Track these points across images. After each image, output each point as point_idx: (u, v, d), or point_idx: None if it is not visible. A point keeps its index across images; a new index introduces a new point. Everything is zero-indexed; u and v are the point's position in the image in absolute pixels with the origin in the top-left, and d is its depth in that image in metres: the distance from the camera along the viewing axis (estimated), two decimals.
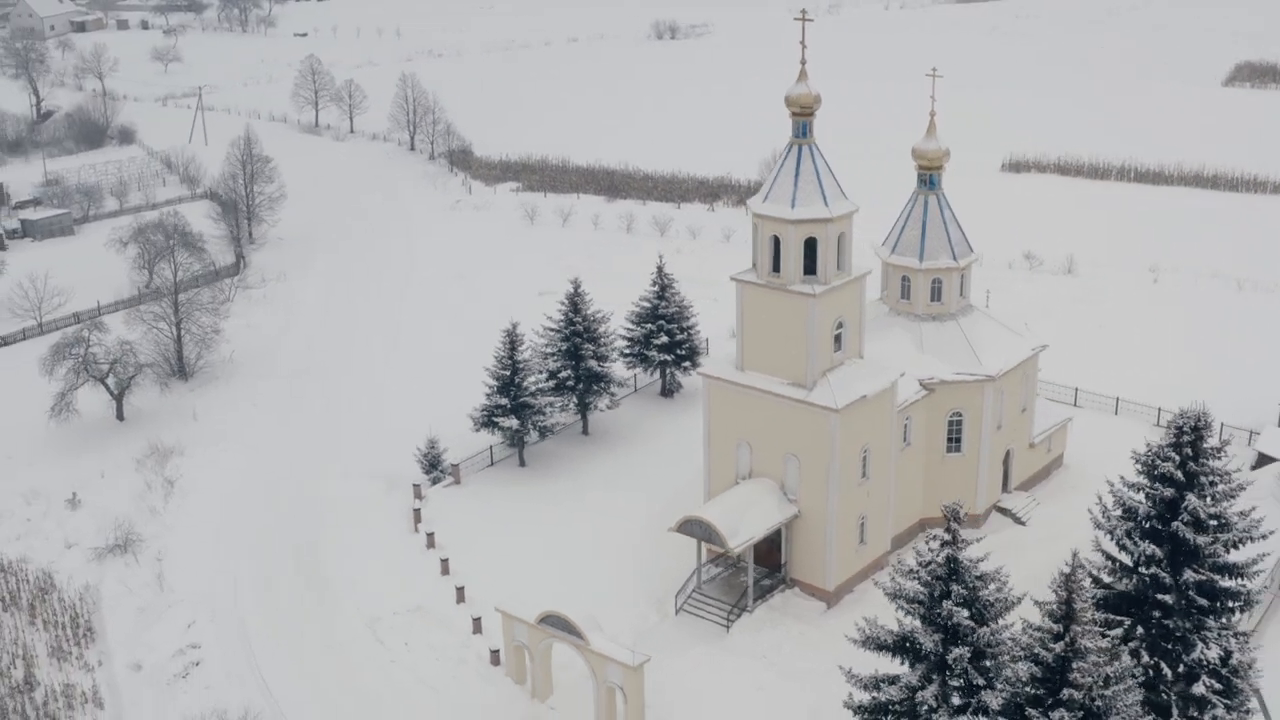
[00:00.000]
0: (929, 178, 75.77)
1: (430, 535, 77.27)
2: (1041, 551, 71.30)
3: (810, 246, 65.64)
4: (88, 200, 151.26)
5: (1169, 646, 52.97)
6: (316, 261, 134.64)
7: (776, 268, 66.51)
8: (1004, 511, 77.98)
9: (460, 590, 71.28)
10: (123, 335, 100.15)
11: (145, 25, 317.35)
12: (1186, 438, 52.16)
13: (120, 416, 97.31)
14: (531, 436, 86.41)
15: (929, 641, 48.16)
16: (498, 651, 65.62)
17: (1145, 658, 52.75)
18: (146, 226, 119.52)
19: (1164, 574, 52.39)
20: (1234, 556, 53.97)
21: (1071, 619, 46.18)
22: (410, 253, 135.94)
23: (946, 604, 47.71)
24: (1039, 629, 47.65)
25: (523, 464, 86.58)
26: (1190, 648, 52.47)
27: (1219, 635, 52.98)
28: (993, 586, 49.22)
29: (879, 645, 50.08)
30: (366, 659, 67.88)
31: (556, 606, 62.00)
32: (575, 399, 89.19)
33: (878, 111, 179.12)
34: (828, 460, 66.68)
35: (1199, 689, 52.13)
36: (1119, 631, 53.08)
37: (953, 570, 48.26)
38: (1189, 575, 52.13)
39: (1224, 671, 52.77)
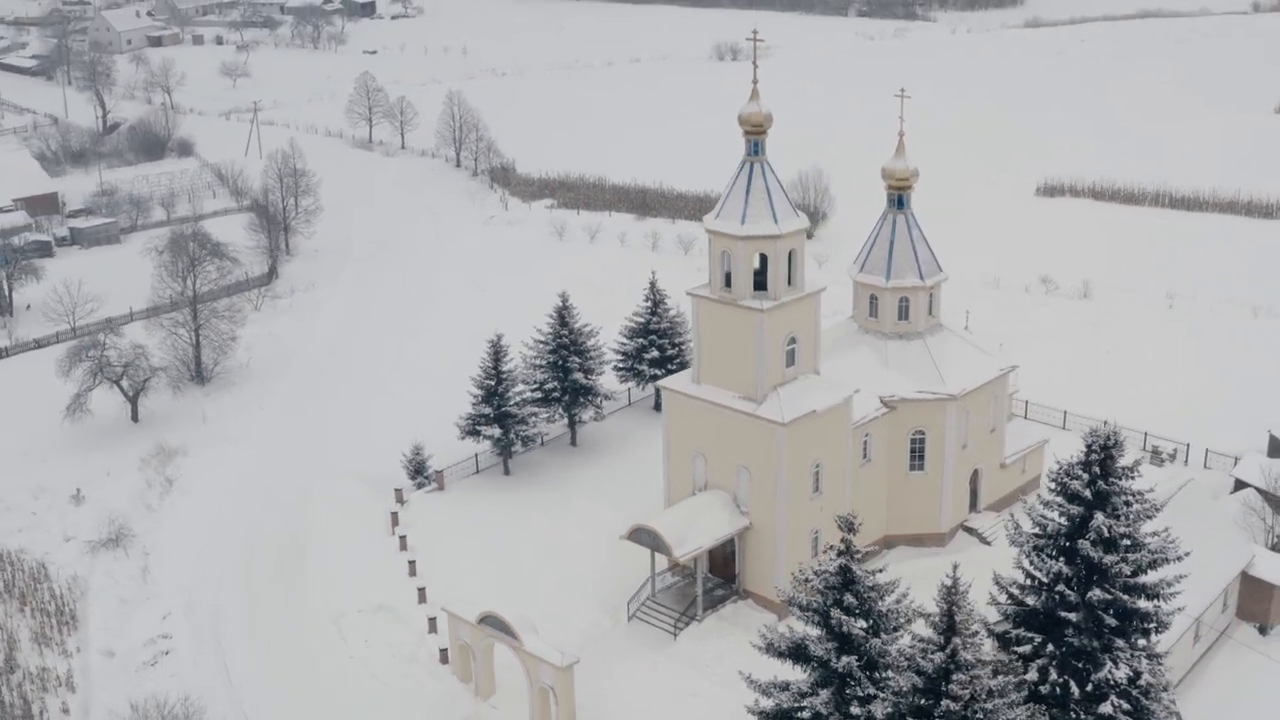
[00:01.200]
0: (898, 197, 76.54)
1: (403, 538, 79.40)
2: (1003, 572, 71.23)
3: (761, 262, 66.83)
4: (136, 210, 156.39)
5: (1079, 665, 53.14)
6: (346, 273, 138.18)
7: (729, 283, 67.78)
8: (970, 531, 78.22)
9: (422, 591, 73.29)
10: (138, 340, 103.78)
11: (220, 41, 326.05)
12: (1095, 456, 52.35)
13: (135, 418, 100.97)
14: (516, 446, 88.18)
15: (819, 649, 49.06)
16: (446, 650, 67.40)
17: (1054, 675, 53.00)
18: (180, 237, 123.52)
19: (1071, 592, 52.64)
20: (1149, 577, 53.94)
21: (953, 630, 46.82)
22: (438, 267, 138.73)
23: (836, 612, 48.60)
24: (923, 640, 48.30)
25: (508, 473, 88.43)
26: (1098, 666, 52.57)
27: (1131, 656, 53.02)
28: (890, 598, 50.00)
29: (777, 652, 51.04)
30: (327, 653, 70.25)
31: (502, 608, 63.66)
32: (562, 410, 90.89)
33: (932, 131, 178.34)
34: (776, 473, 67.63)
35: (1106, 709, 52.22)
36: (1028, 648, 53.38)
37: (846, 580, 49.14)
38: (1096, 594, 52.22)
39: (1134, 692, 52.80)
